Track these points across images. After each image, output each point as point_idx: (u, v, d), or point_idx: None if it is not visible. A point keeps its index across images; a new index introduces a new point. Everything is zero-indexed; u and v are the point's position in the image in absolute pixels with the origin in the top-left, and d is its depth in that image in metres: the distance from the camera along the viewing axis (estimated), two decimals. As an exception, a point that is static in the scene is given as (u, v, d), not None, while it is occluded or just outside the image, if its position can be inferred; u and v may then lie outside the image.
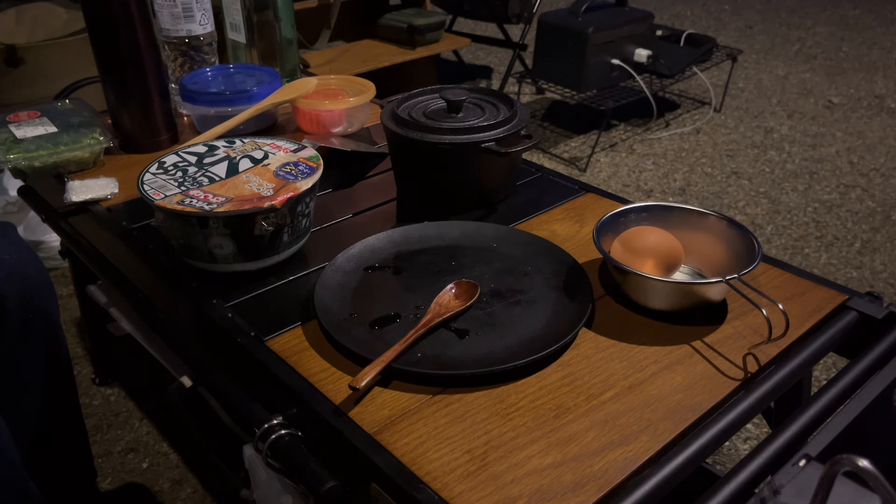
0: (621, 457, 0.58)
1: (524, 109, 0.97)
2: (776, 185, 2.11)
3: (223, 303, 0.78)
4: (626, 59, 2.24)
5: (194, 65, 1.21)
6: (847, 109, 2.61)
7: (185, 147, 0.89)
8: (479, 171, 0.92)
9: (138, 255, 0.87)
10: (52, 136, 1.05)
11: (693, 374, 0.67)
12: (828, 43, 3.32)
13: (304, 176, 0.81)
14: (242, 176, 0.81)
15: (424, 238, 0.86)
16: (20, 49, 1.84)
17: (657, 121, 2.51)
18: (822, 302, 0.77)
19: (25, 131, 1.06)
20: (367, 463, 0.59)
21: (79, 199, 0.97)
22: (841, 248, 1.81)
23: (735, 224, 0.78)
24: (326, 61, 2.21)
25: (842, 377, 0.68)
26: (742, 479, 0.58)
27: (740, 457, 1.01)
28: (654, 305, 0.74)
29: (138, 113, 1.09)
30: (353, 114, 1.15)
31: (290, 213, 0.79)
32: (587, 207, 0.96)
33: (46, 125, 1.08)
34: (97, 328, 1.26)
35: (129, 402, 1.33)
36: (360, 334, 0.71)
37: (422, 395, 0.65)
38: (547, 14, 2.25)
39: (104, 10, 1.02)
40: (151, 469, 1.20)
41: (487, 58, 3.17)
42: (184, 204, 0.75)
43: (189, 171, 0.82)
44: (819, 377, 1.37)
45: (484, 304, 0.75)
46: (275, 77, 1.18)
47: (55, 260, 1.67)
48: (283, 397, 0.67)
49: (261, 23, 1.25)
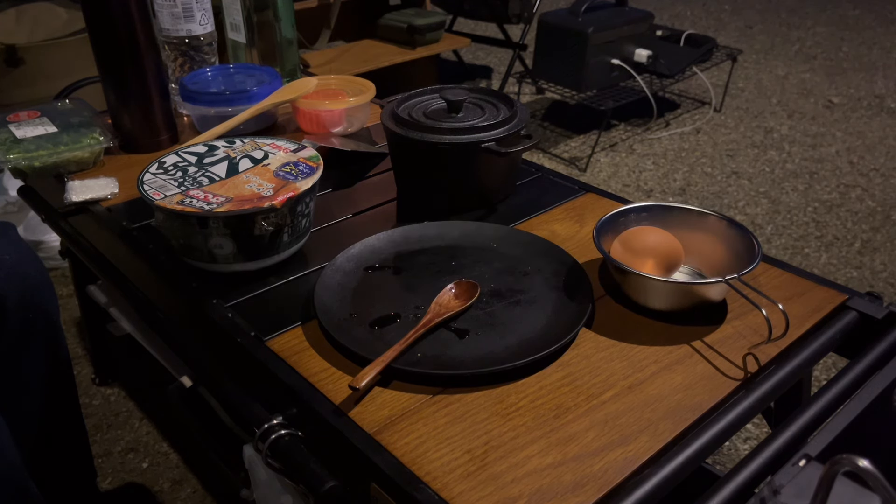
0: (621, 457, 0.58)
1: (524, 109, 0.97)
2: (776, 185, 2.11)
3: (223, 303, 0.78)
4: (626, 59, 2.24)
5: (194, 65, 1.21)
6: (847, 109, 2.61)
7: (185, 147, 0.89)
8: (479, 171, 0.92)
9: (138, 255, 0.87)
10: (52, 136, 1.05)
11: (693, 374, 0.67)
12: (828, 43, 3.32)
13: (304, 176, 0.81)
14: (242, 176, 0.81)
15: (424, 238, 0.86)
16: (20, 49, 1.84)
17: (657, 121, 2.51)
18: (822, 302, 0.77)
19: (25, 131, 1.06)
20: (367, 463, 0.59)
21: (79, 199, 0.97)
22: (841, 248, 1.81)
23: (735, 224, 0.78)
24: (326, 61, 2.21)
25: (842, 377, 0.68)
26: (742, 479, 0.58)
27: (740, 457, 1.01)
28: (654, 305, 0.74)
29: (138, 113, 1.09)
30: (353, 114, 1.15)
31: (290, 213, 0.79)
32: (587, 207, 0.96)
33: (46, 125, 1.08)
34: (97, 328, 1.26)
35: (129, 402, 1.33)
36: (360, 334, 0.71)
37: (422, 395, 0.65)
38: (547, 14, 2.25)
39: (104, 10, 1.02)
40: (151, 469, 1.20)
41: (487, 58, 3.17)
42: (184, 204, 0.75)
43: (189, 171, 0.82)
44: (819, 377, 1.37)
45: (484, 304, 0.75)
46: (275, 77, 1.18)
47: (55, 260, 1.67)
48: (283, 397, 0.67)
49: (261, 23, 1.25)
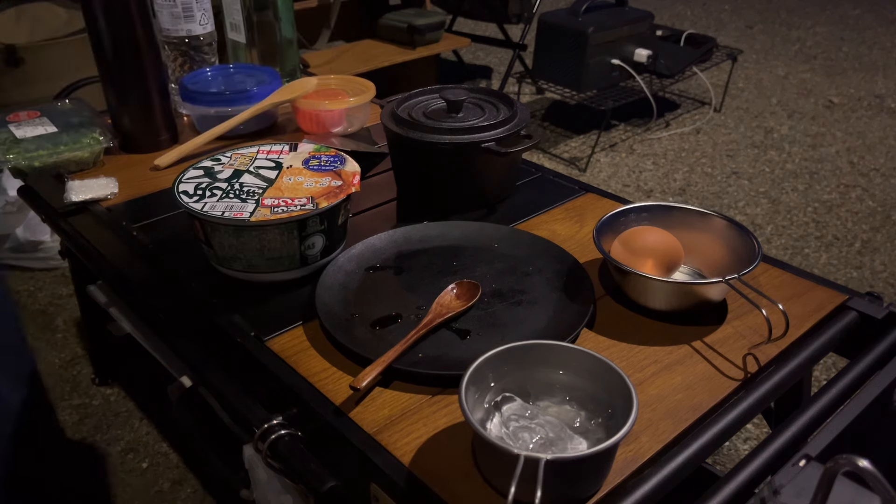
0: (621, 457, 0.58)
1: (524, 109, 0.97)
2: (776, 185, 2.11)
3: (223, 303, 0.78)
4: (626, 59, 2.24)
5: (194, 65, 1.21)
6: (847, 109, 2.61)
7: (185, 175, 0.83)
8: (479, 171, 0.92)
9: (138, 255, 0.87)
10: (52, 136, 1.05)
11: (693, 374, 0.67)
12: (828, 43, 3.32)
13: (339, 161, 0.84)
14: (284, 178, 0.81)
15: (426, 238, 0.86)
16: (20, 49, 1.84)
17: (657, 121, 2.51)
18: (822, 302, 0.77)
19: (25, 131, 1.06)
20: (367, 463, 0.59)
21: (79, 199, 0.97)
22: (841, 248, 1.81)
23: (735, 224, 0.78)
24: (326, 61, 2.21)
25: (842, 377, 0.68)
26: (742, 479, 0.58)
27: (740, 457, 1.01)
28: (654, 305, 0.74)
29: (138, 113, 1.09)
30: (353, 114, 1.15)
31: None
32: (587, 207, 0.96)
33: (46, 125, 1.08)
34: (97, 328, 1.26)
35: (129, 402, 1.33)
36: (362, 334, 0.71)
37: (422, 395, 0.65)
38: (547, 14, 2.25)
39: (104, 10, 1.02)
40: (151, 469, 1.20)
41: (487, 58, 3.17)
42: (277, 211, 0.75)
43: (224, 188, 0.80)
44: (819, 377, 1.37)
45: (485, 305, 0.75)
46: (275, 77, 1.18)
47: (55, 260, 1.67)
48: (283, 397, 0.67)
49: (261, 23, 1.25)
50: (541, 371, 0.60)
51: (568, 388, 0.60)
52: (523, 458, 0.49)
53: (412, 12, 2.40)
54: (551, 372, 0.60)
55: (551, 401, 0.60)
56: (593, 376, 0.58)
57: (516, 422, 0.57)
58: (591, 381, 0.59)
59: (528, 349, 0.60)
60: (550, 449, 0.55)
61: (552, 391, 0.60)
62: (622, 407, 0.55)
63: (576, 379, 0.59)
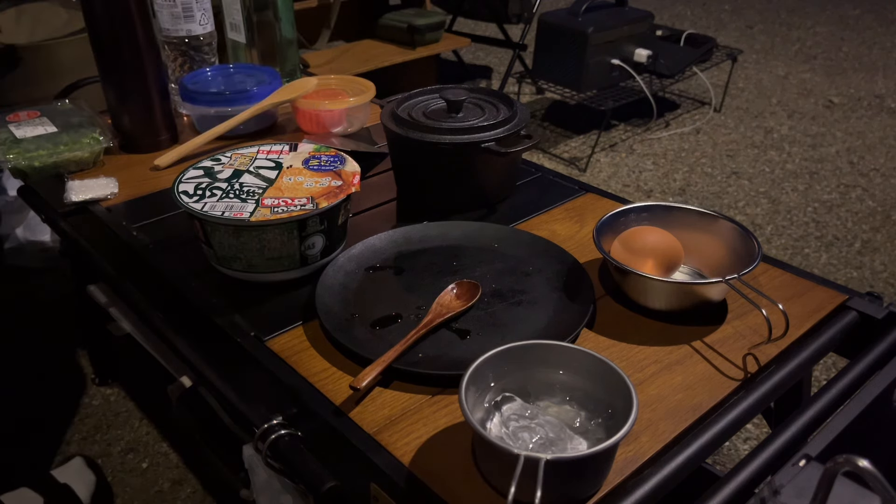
0: (621, 457, 0.58)
1: (524, 109, 0.97)
2: (776, 185, 2.11)
3: (223, 303, 0.78)
4: (626, 59, 2.24)
5: (194, 65, 1.21)
6: (847, 109, 2.61)
7: (184, 175, 0.83)
8: (479, 171, 0.92)
9: (138, 255, 0.87)
10: (52, 136, 1.05)
11: (693, 374, 0.67)
12: (828, 43, 3.32)
13: (338, 161, 0.84)
14: (283, 179, 0.81)
15: (426, 238, 0.86)
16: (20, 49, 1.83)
17: (657, 121, 2.51)
18: (822, 302, 0.77)
19: (25, 131, 1.06)
20: (367, 463, 0.59)
21: (79, 199, 0.97)
22: (841, 248, 1.81)
23: (735, 224, 0.78)
24: (326, 61, 2.21)
25: (842, 377, 0.68)
26: (742, 479, 0.58)
27: (740, 457, 1.01)
28: (654, 305, 0.74)
29: (138, 113, 1.09)
30: (353, 114, 1.15)
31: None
32: (587, 207, 0.96)
33: (46, 125, 1.08)
34: (97, 328, 1.26)
35: (129, 402, 1.33)
36: (362, 334, 0.71)
37: (422, 395, 0.65)
38: (547, 14, 2.25)
39: (104, 10, 1.02)
40: (151, 469, 1.20)
41: (487, 58, 3.17)
42: (276, 212, 0.74)
43: (224, 188, 0.80)
44: (819, 377, 1.37)
45: (485, 305, 0.75)
46: (275, 77, 1.18)
47: (55, 260, 1.67)
48: (283, 397, 0.67)
49: (261, 23, 1.25)
50: (541, 371, 0.60)
51: (568, 388, 0.60)
52: (523, 458, 0.49)
53: (412, 12, 2.40)
54: (551, 372, 0.60)
55: (551, 401, 0.60)
56: (593, 376, 0.58)
57: (516, 422, 0.57)
58: (591, 381, 0.59)
59: (528, 349, 0.60)
60: (550, 449, 0.55)
61: (552, 391, 0.60)
62: (622, 407, 0.55)
63: (576, 379, 0.60)
